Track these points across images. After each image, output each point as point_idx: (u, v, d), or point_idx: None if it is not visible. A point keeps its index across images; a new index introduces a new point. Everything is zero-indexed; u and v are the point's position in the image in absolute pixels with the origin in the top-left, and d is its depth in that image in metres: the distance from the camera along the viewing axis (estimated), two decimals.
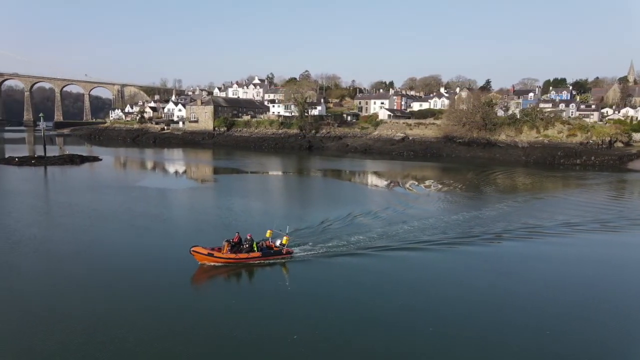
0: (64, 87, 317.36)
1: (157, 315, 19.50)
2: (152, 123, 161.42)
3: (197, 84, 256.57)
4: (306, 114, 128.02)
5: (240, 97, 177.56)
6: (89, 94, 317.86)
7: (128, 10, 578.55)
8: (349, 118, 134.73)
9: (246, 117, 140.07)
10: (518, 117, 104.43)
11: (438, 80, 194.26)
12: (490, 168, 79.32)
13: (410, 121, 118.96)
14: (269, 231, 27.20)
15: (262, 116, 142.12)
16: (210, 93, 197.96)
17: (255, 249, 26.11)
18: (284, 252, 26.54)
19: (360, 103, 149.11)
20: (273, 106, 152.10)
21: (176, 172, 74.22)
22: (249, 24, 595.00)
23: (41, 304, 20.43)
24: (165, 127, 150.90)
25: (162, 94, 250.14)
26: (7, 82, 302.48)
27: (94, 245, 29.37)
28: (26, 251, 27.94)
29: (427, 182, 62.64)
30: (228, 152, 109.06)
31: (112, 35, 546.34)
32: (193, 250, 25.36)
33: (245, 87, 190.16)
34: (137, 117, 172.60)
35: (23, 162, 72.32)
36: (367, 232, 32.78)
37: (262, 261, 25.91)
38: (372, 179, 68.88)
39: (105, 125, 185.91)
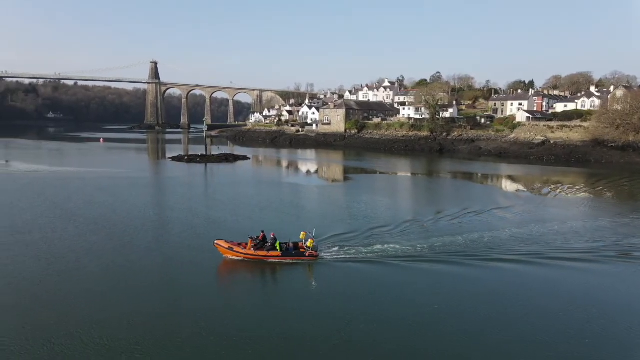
0: (212, 93, 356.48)
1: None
2: (288, 125, 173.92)
3: (328, 88, 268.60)
4: (437, 117, 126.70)
5: (371, 100, 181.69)
6: (233, 99, 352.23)
7: (264, 22, 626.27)
8: (482, 120, 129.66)
9: (377, 120, 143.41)
10: None
11: (588, 77, 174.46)
12: None
13: (552, 123, 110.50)
14: (302, 233, 28.02)
15: (392, 119, 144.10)
16: (341, 96, 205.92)
17: (277, 248, 27.02)
18: (307, 255, 26.85)
19: (495, 105, 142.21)
20: (403, 109, 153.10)
21: (309, 171, 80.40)
22: (378, 27, 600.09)
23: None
24: (300, 129, 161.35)
25: (296, 97, 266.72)
26: (168, 91, 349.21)
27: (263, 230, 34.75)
28: (222, 228, 34.32)
29: (569, 187, 58.78)
30: (358, 153, 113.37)
31: (250, 45, 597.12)
32: (216, 243, 27.43)
33: (375, 90, 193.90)
34: (275, 120, 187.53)
35: (190, 159, 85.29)
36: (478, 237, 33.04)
37: (282, 260, 26.60)
38: (506, 183, 66.55)
39: (248, 127, 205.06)
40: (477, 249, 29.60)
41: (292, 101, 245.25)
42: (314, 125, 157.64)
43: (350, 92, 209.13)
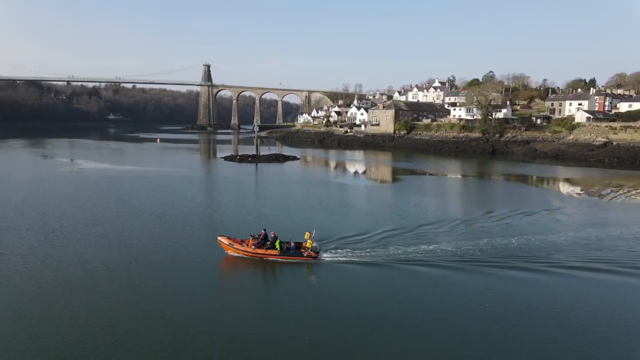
0: (262, 94, 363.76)
1: None
2: (336, 126, 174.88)
3: (377, 88, 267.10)
4: (490, 117, 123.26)
5: (420, 100, 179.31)
6: (281, 100, 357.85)
7: (313, 23, 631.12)
8: (538, 121, 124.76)
9: (426, 121, 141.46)
10: None
11: None
12: None
13: (614, 124, 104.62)
14: (307, 233, 28.04)
15: (442, 120, 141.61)
16: (390, 97, 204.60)
17: (277, 247, 27.29)
18: (305, 255, 26.97)
19: (552, 105, 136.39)
20: (454, 109, 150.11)
21: (357, 172, 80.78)
22: (428, 27, 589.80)
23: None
24: (349, 130, 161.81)
25: (344, 98, 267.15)
26: (219, 92, 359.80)
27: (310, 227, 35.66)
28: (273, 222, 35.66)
29: (633, 190, 55.73)
30: (407, 154, 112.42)
31: (300, 47, 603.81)
32: (219, 239, 28.10)
33: (425, 90, 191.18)
34: (324, 121, 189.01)
35: (242, 159, 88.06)
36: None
37: (279, 259, 26.96)
38: (563, 186, 63.89)
39: (296, 128, 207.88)
40: (530, 253, 29.02)
41: (340, 102, 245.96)
42: (363, 126, 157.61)
43: (399, 92, 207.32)
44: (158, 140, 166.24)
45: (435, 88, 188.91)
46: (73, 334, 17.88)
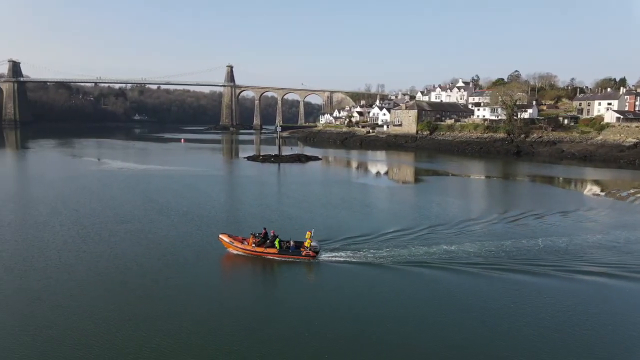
0: (284, 95, 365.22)
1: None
2: (358, 127, 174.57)
3: (399, 89, 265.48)
4: (515, 117, 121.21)
5: (444, 100, 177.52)
6: (303, 101, 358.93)
7: (335, 23, 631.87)
8: (565, 121, 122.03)
9: (449, 121, 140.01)
10: None
11: None
12: None
13: None
14: (308, 232, 28.27)
15: (466, 120, 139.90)
16: (412, 97, 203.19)
17: (276, 245, 27.65)
18: (304, 254, 27.23)
19: (580, 104, 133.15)
20: (478, 109, 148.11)
21: (379, 172, 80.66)
22: (451, 27, 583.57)
23: None
24: (371, 130, 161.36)
25: (366, 98, 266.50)
26: (242, 93, 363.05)
27: (331, 225, 35.95)
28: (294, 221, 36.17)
29: None
30: (430, 154, 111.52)
31: (322, 47, 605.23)
32: (220, 237, 28.64)
33: (448, 90, 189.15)
34: (345, 121, 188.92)
35: (265, 159, 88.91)
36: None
37: (277, 258, 27.35)
38: (592, 188, 62.38)
39: (318, 128, 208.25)
40: (558, 255, 28.65)
41: (362, 102, 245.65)
42: (385, 127, 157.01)
43: (422, 92, 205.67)
44: (182, 140, 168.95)
45: (458, 88, 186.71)
46: (107, 325, 18.62)
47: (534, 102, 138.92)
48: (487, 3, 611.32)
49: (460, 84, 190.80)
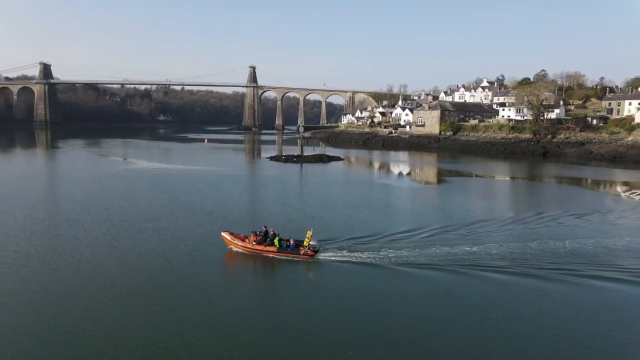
0: (306, 95, 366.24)
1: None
2: (380, 127, 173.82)
3: (422, 89, 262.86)
4: (541, 118, 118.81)
5: (467, 100, 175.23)
6: (325, 101, 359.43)
7: (356, 24, 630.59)
8: (594, 122, 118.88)
9: (473, 121, 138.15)
10: None
11: None
12: None
13: None
14: (309, 231, 28.37)
15: (490, 120, 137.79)
16: (435, 97, 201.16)
17: (276, 244, 28.01)
18: (302, 253, 27.46)
19: (609, 104, 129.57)
20: (503, 110, 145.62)
21: (402, 173, 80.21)
22: (475, 26, 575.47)
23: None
24: (393, 131, 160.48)
25: (388, 99, 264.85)
26: (265, 94, 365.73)
27: (353, 224, 36.10)
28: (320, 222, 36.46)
29: None
30: (453, 155, 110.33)
31: (344, 47, 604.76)
32: (222, 235, 29.32)
33: (472, 90, 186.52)
34: (368, 122, 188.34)
35: (287, 159, 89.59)
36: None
37: (276, 256, 27.71)
38: (622, 190, 60.62)
39: (340, 129, 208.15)
40: (587, 258, 28.16)
41: (384, 102, 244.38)
42: (407, 127, 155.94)
43: (445, 92, 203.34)
44: (205, 140, 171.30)
45: (483, 88, 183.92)
46: (138, 316, 19.31)
47: (561, 102, 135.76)
48: (510, 2, 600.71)
49: (485, 83, 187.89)
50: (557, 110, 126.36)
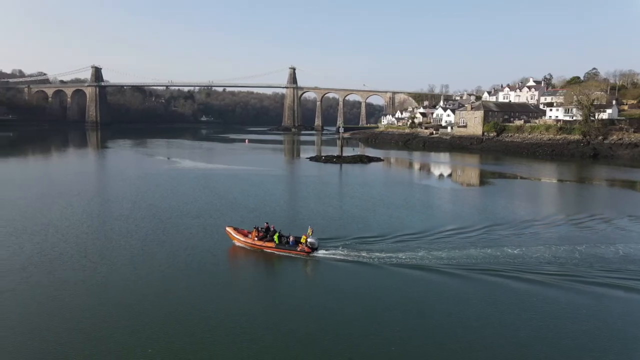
0: (345, 96, 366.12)
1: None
2: (421, 128, 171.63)
3: (464, 89, 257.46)
4: (592, 118, 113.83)
5: (512, 100, 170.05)
6: (365, 102, 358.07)
7: (396, 24, 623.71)
8: None
9: (518, 122, 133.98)
10: None
11: None
12: None
13: None
14: (310, 229, 28.96)
15: (536, 121, 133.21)
16: (478, 97, 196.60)
17: (275, 240, 28.76)
18: (299, 249, 28.09)
19: None
20: (550, 110, 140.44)
21: (443, 174, 78.97)
22: (521, 25, 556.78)
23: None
24: (434, 132, 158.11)
25: (429, 99, 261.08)
26: (304, 94, 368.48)
27: (392, 224, 36.05)
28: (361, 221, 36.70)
29: None
30: (496, 157, 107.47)
31: (385, 47, 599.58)
32: (227, 230, 30.57)
33: (517, 90, 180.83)
34: (408, 123, 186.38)
35: (327, 160, 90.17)
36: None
37: (274, 251, 28.59)
38: None
39: (380, 129, 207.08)
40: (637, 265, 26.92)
41: (425, 103, 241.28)
42: (449, 128, 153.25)
43: (488, 93, 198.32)
44: (246, 141, 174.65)
45: (529, 87, 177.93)
46: (193, 308, 20.20)
47: (614, 102, 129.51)
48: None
49: (531, 83, 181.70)
50: (609, 110, 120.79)
